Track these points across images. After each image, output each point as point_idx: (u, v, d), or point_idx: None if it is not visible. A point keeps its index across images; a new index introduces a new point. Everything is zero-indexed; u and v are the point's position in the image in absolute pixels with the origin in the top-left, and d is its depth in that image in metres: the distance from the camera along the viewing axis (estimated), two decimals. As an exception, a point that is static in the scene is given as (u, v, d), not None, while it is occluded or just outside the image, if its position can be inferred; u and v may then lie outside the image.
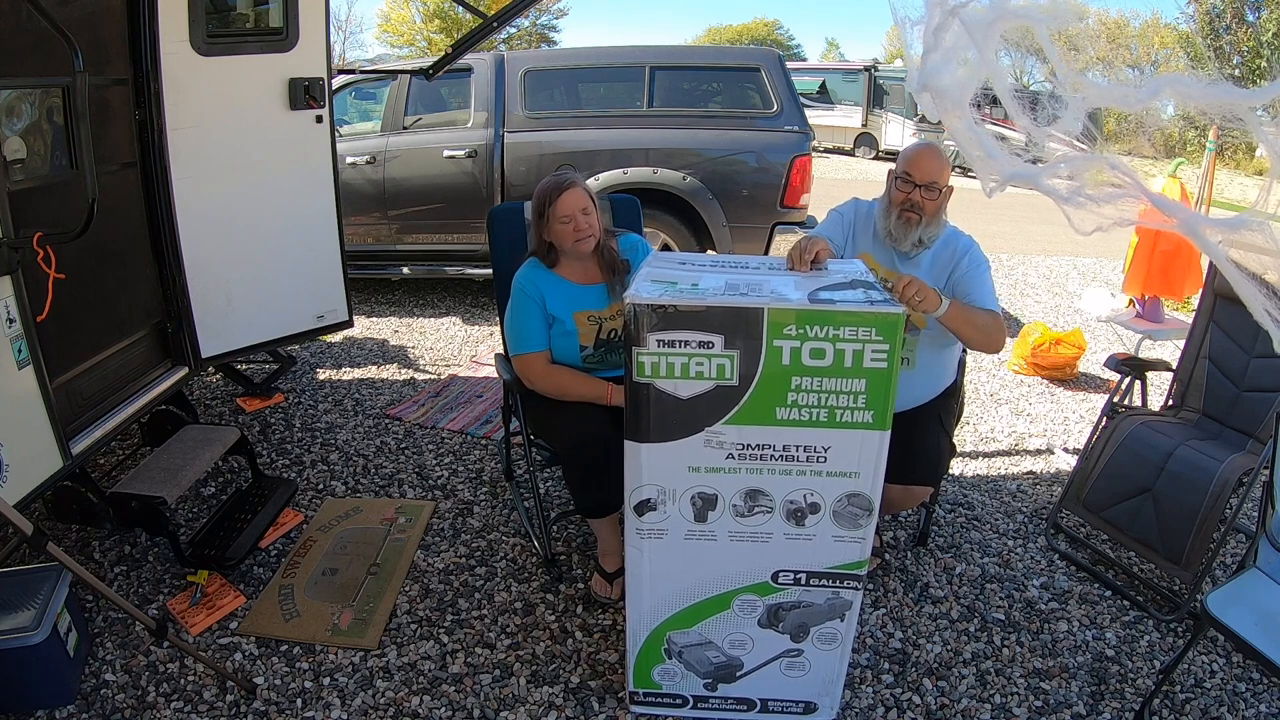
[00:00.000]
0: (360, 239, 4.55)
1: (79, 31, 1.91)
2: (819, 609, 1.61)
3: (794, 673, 1.68)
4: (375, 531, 2.41)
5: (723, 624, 1.64)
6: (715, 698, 1.72)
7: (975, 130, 1.43)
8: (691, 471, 1.48)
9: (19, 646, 1.66)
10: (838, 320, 1.36)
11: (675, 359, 1.38)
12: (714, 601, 1.61)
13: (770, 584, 1.59)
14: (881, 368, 1.38)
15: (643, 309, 1.36)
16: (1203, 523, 2.04)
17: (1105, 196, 1.35)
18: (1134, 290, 3.95)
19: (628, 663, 1.71)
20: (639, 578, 1.61)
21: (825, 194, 5.88)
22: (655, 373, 1.39)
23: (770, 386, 1.40)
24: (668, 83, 4.51)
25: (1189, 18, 17.01)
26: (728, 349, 1.38)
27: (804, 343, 1.37)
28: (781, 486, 1.49)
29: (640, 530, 1.55)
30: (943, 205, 1.98)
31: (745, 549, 1.55)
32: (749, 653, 1.66)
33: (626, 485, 1.52)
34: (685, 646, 1.66)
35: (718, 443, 1.45)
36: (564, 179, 2.06)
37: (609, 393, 2.01)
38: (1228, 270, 1.29)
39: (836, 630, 1.63)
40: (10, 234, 1.80)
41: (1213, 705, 1.82)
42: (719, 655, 1.67)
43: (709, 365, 1.39)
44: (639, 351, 1.38)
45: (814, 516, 1.51)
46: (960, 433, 3.13)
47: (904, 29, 1.50)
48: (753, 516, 1.52)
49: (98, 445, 2.23)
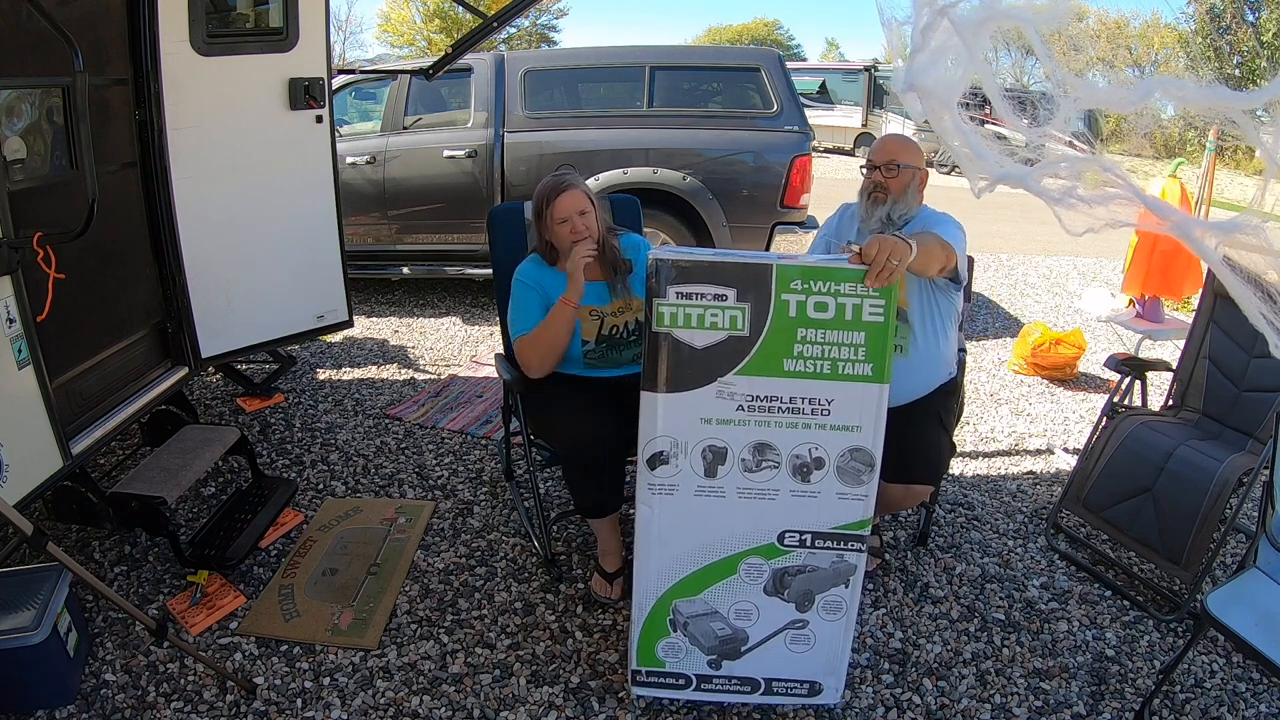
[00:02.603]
0: (360, 239, 4.55)
1: (79, 31, 1.91)
2: (824, 574, 1.62)
3: (799, 647, 1.67)
4: (375, 531, 2.41)
5: (729, 591, 1.63)
6: (719, 677, 1.70)
7: (963, 130, 1.43)
8: (704, 423, 1.54)
9: (19, 646, 1.66)
10: (839, 276, 1.47)
11: (692, 310, 1.47)
12: (721, 565, 1.61)
13: (777, 545, 1.60)
14: (879, 321, 1.48)
15: (664, 263, 1.46)
16: (1203, 523, 2.04)
17: (1097, 198, 1.35)
18: (1134, 290, 3.95)
19: (631, 636, 1.69)
20: (648, 539, 1.61)
21: (825, 194, 5.88)
22: (674, 322, 1.48)
23: (778, 338, 1.49)
24: (668, 83, 4.51)
25: (1189, 18, 17.02)
26: (739, 301, 1.47)
27: (809, 296, 1.47)
28: (788, 440, 1.54)
29: (652, 485, 1.57)
30: (911, 185, 2.10)
31: (753, 507, 1.58)
32: (754, 624, 1.66)
33: (641, 438, 1.55)
34: (691, 617, 1.65)
35: (729, 394, 1.52)
36: (562, 181, 2.06)
37: (573, 296, 2.00)
38: (1222, 273, 1.29)
39: (841, 598, 1.64)
40: (10, 234, 1.80)
41: (1213, 705, 1.83)
42: (724, 627, 1.66)
43: (723, 316, 1.48)
44: (659, 302, 1.47)
45: (819, 472, 1.56)
46: (960, 433, 3.13)
47: (889, 30, 1.50)
48: (760, 472, 1.56)
49: (98, 445, 2.23)
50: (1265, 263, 1.29)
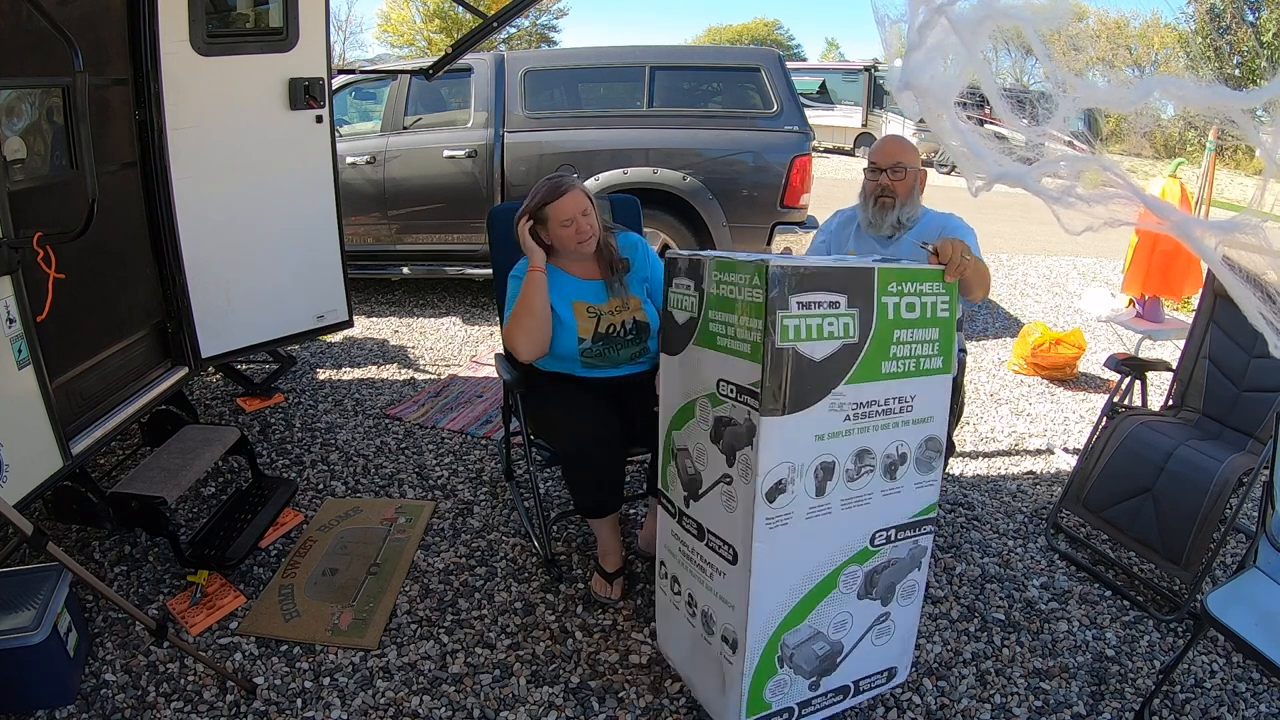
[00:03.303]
0: (360, 239, 4.55)
1: (79, 31, 1.91)
2: (903, 563, 1.61)
3: (881, 640, 1.65)
4: (375, 531, 2.41)
5: (829, 607, 1.56)
6: (817, 697, 1.62)
7: (960, 129, 1.43)
8: (817, 440, 1.46)
9: (19, 646, 1.66)
10: (923, 276, 1.52)
11: (812, 321, 1.41)
12: (824, 583, 1.54)
13: (869, 548, 1.57)
14: (946, 316, 1.55)
15: (786, 272, 1.37)
16: (1203, 523, 2.04)
17: (1096, 196, 1.35)
18: (1134, 290, 3.95)
19: (742, 688, 1.52)
20: (764, 576, 1.47)
21: (825, 194, 5.88)
22: (798, 335, 1.39)
23: (879, 342, 1.48)
24: (668, 83, 4.51)
25: (1189, 18, 17.02)
26: (849, 307, 1.44)
27: (901, 298, 1.49)
28: (880, 442, 1.53)
29: (770, 520, 1.45)
30: (914, 186, 2.10)
31: (851, 516, 1.54)
32: (849, 632, 1.60)
33: (762, 469, 1.42)
34: (796, 647, 1.55)
35: (839, 404, 1.46)
36: (561, 183, 2.05)
37: (537, 262, 2.04)
38: (1221, 273, 1.29)
39: (915, 581, 1.64)
40: (10, 234, 1.80)
41: (1213, 705, 1.83)
42: (823, 645, 1.58)
43: (838, 324, 1.43)
44: (784, 315, 1.37)
45: (902, 467, 1.56)
46: (960, 433, 3.13)
47: (883, 27, 1.49)
48: (860, 479, 1.53)
49: (98, 445, 2.23)
50: (1265, 263, 1.29)
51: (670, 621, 1.79)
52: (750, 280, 1.41)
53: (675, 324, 1.65)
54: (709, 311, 1.53)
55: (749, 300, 1.41)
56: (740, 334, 1.44)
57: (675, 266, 1.64)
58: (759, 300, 1.38)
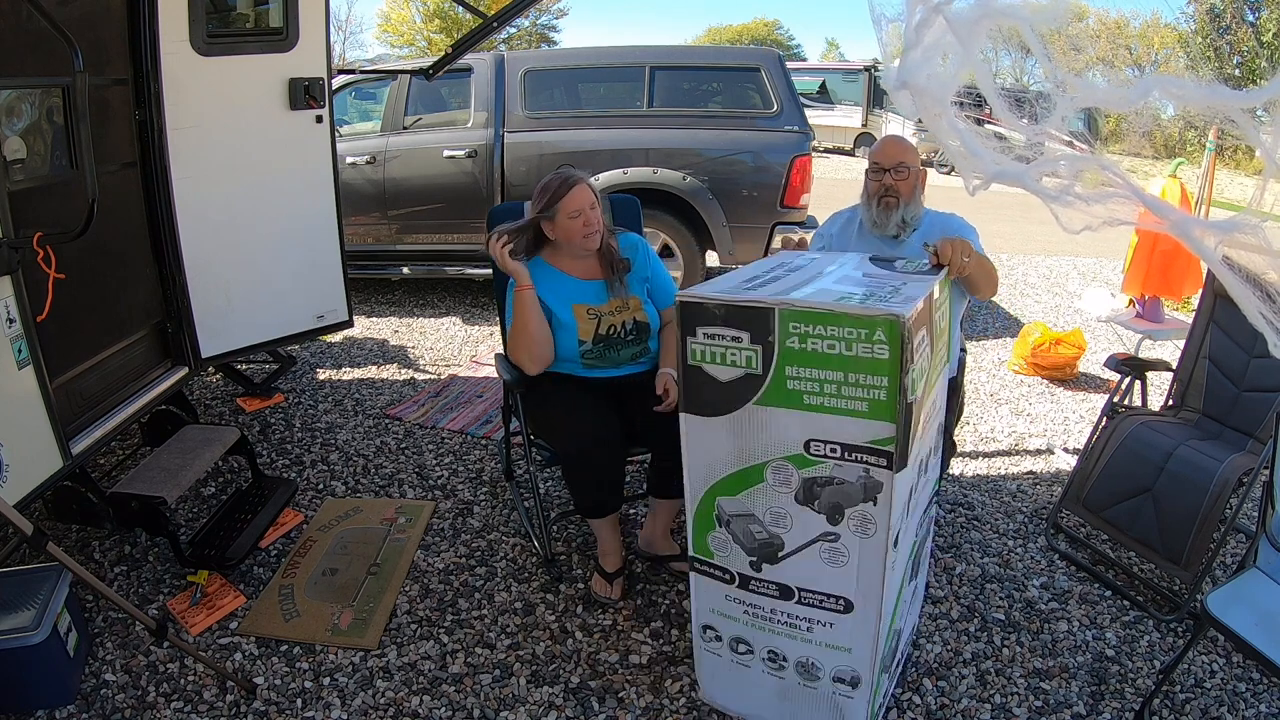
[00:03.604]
0: (360, 239, 4.55)
1: (79, 31, 1.91)
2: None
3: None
4: (375, 531, 2.41)
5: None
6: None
7: (957, 128, 1.43)
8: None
9: (19, 646, 1.66)
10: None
11: (921, 368, 1.49)
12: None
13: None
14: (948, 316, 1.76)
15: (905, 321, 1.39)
16: (1203, 523, 2.04)
17: (1095, 195, 1.35)
18: (1134, 290, 3.95)
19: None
20: (888, 611, 1.58)
21: (825, 194, 5.88)
22: (914, 389, 1.41)
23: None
24: (668, 83, 4.51)
25: (1189, 18, 17.02)
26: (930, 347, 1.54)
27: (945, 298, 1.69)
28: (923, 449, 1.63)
29: (893, 564, 1.56)
30: (917, 186, 2.11)
31: (909, 530, 1.60)
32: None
33: (894, 522, 1.48)
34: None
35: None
36: (570, 176, 2.06)
37: (523, 281, 2.04)
38: (1221, 272, 1.29)
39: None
40: (10, 234, 1.80)
41: (1213, 705, 1.82)
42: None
43: (927, 368, 1.56)
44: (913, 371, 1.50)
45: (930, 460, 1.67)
46: (960, 433, 3.13)
47: (879, 26, 1.48)
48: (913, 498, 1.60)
49: (98, 445, 2.23)
50: (1265, 262, 1.29)
51: (734, 675, 1.76)
52: (868, 335, 1.30)
53: (714, 382, 1.47)
54: (785, 368, 1.40)
55: (867, 357, 1.32)
56: (849, 391, 1.36)
57: (702, 314, 1.45)
58: (883, 357, 1.30)
